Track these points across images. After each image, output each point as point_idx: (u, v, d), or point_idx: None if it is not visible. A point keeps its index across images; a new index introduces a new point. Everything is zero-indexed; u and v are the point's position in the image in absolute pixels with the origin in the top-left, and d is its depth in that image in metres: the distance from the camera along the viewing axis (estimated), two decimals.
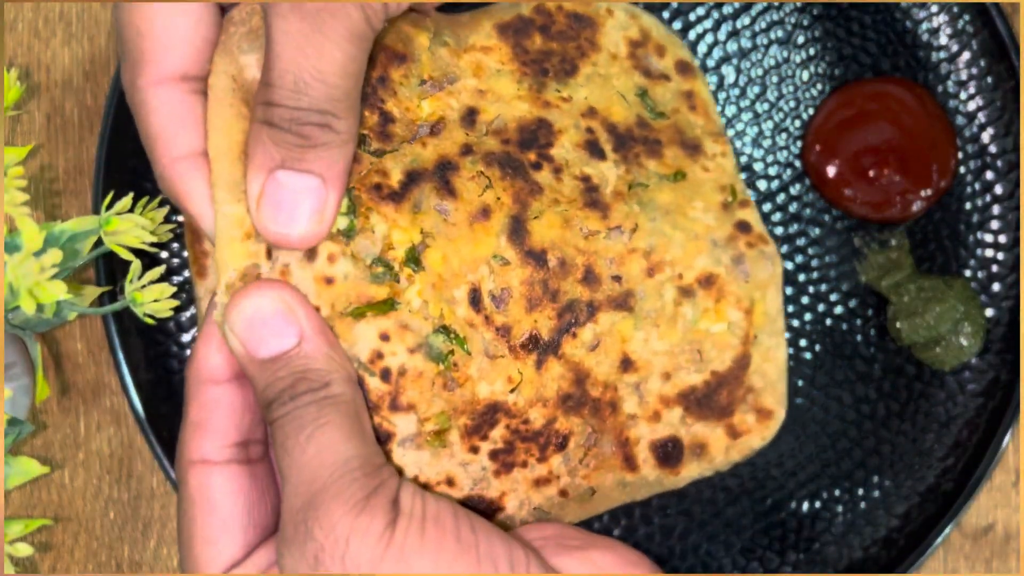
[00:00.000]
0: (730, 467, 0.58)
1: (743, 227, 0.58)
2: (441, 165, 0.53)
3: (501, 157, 0.54)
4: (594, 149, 0.56)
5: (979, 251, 0.63)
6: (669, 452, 0.57)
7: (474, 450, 0.53)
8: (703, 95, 0.61)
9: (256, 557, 0.50)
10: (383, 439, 0.52)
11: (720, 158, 0.59)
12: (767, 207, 0.63)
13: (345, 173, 0.50)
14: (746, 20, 0.64)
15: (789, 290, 0.63)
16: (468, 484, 0.54)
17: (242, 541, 0.50)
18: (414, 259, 0.53)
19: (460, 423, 0.53)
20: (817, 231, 0.63)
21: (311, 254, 0.50)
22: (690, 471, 0.57)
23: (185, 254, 0.62)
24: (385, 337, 0.52)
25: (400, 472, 0.52)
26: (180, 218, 0.62)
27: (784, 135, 0.64)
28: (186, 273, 0.62)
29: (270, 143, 0.48)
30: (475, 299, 0.53)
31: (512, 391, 0.53)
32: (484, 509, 0.54)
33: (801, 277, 0.63)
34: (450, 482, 0.53)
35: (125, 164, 0.62)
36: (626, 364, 0.55)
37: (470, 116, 0.55)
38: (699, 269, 0.56)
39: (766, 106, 0.64)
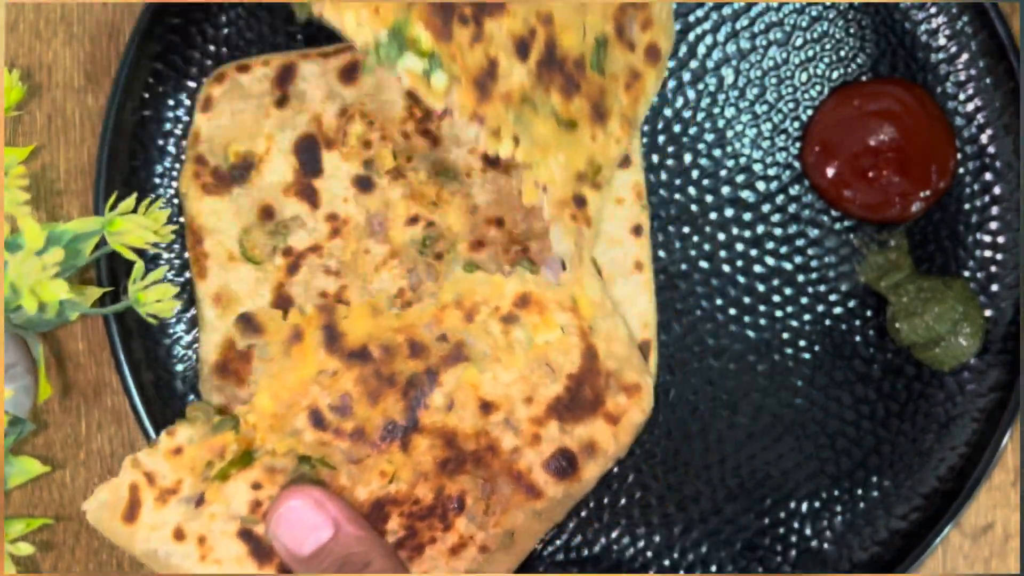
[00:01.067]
0: (627, 451, 0.59)
1: (579, 202, 0.58)
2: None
3: None
4: (522, 49, 0.56)
5: (978, 252, 0.63)
6: (563, 466, 0.58)
7: None
8: (647, 87, 0.60)
9: None
10: None
11: (614, 143, 0.59)
12: (766, 208, 0.63)
13: None
14: (745, 21, 0.64)
15: (788, 291, 0.63)
16: None
17: None
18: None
19: None
20: (816, 232, 0.63)
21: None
22: (591, 471, 0.58)
23: (187, 255, 0.62)
24: (257, 485, 0.55)
25: None
26: (182, 219, 0.62)
27: (783, 136, 0.64)
28: (188, 274, 0.62)
29: None
30: (317, 419, 0.56)
31: (390, 482, 0.56)
32: None
33: (800, 278, 0.63)
34: None
35: (126, 165, 0.62)
36: (486, 407, 0.57)
37: None
38: (510, 295, 0.58)
39: (765, 107, 0.64)
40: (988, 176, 0.63)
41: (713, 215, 0.64)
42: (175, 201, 0.62)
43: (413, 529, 0.56)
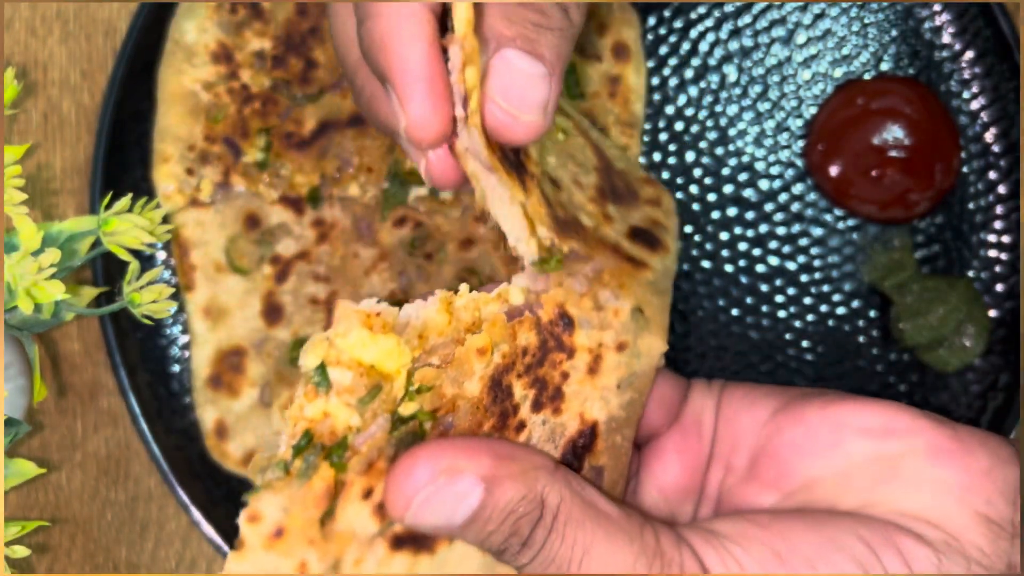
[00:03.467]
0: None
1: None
2: (354, 118, 0.58)
3: None
4: None
5: (982, 251, 0.63)
6: (648, 237, 0.52)
7: (520, 427, 0.46)
8: (630, 82, 0.60)
9: None
10: None
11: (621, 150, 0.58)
12: (769, 207, 0.63)
13: (565, 68, 0.45)
14: (747, 19, 0.63)
15: (791, 291, 0.63)
16: (551, 449, 0.47)
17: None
18: (314, 198, 0.59)
19: (486, 429, 0.46)
20: (819, 231, 0.63)
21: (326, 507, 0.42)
22: (670, 243, 0.52)
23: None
24: (368, 492, 0.44)
25: None
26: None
27: (786, 134, 0.63)
28: None
29: (501, 17, 0.43)
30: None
31: (492, 352, 0.45)
32: (583, 446, 0.47)
33: (804, 278, 0.63)
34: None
35: (123, 163, 0.61)
36: (553, 183, 0.50)
37: None
38: None
39: (768, 105, 0.63)
40: (992, 175, 0.63)
41: (715, 214, 0.63)
42: None
43: (540, 380, 0.46)
